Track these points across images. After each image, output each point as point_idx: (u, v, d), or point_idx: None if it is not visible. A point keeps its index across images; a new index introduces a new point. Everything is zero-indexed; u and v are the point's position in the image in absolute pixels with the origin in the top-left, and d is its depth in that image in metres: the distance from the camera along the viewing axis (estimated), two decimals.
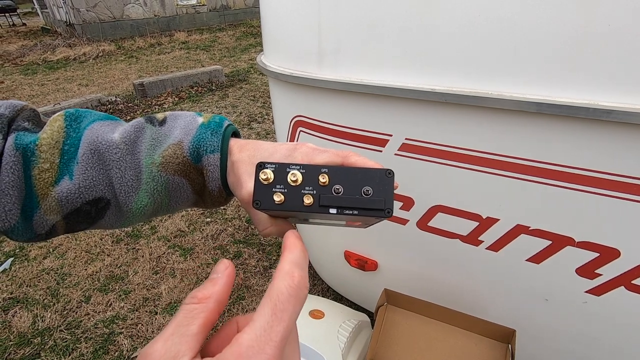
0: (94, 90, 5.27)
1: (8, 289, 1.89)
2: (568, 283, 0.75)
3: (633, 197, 0.61)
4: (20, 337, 1.62)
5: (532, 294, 0.82)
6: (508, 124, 0.65)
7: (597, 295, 0.73)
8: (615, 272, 0.69)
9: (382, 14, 0.67)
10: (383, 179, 0.27)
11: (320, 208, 0.27)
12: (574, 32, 0.54)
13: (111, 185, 0.34)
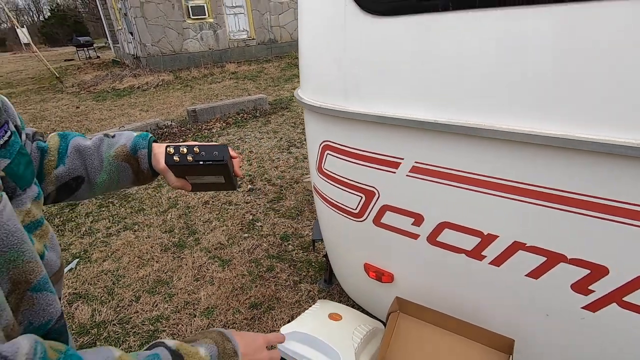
0: (153, 115, 5.85)
1: (73, 285, 2.16)
2: (565, 299, 0.81)
3: (617, 218, 0.68)
4: (81, 327, 1.85)
5: (533, 309, 0.87)
6: (500, 150, 0.75)
7: (593, 311, 0.78)
8: (607, 288, 0.74)
9: (393, 60, 0.82)
10: (224, 149, 0.63)
11: (194, 162, 0.62)
12: (550, 75, 0.65)
13: (85, 169, 0.62)
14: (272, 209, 2.89)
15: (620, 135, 0.62)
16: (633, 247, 0.68)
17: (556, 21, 0.62)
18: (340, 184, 1.10)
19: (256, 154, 4.01)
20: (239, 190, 3.00)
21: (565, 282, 0.79)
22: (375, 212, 1.05)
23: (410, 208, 0.97)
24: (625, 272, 0.71)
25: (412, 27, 0.77)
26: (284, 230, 2.60)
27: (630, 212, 0.66)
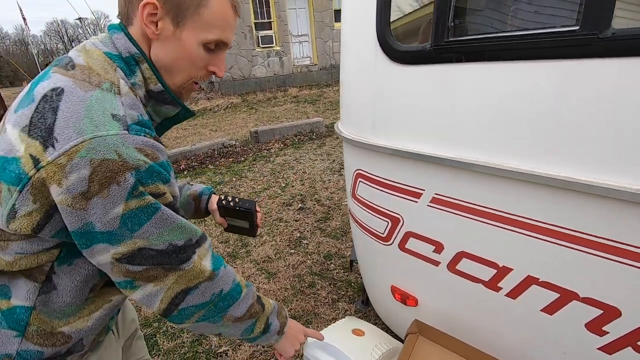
0: (220, 135, 6.42)
1: None
2: (580, 338, 0.81)
3: (626, 261, 0.70)
4: (145, 320, 2.13)
5: (550, 345, 0.88)
6: (510, 187, 0.81)
7: (609, 354, 0.78)
8: (621, 331, 0.74)
9: (414, 102, 0.92)
10: (253, 203, 0.92)
11: (233, 206, 0.91)
12: (546, 122, 0.71)
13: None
14: (319, 228, 3.03)
15: (619, 180, 0.64)
16: None
17: (556, 74, 0.68)
18: (370, 209, 1.20)
19: (309, 174, 4.22)
20: (257, 237, 3.18)
21: (580, 321, 0.80)
22: (401, 238, 1.13)
23: (431, 236, 1.03)
24: (638, 316, 0.71)
25: (430, 74, 0.88)
26: (328, 249, 2.71)
27: (636, 254, 0.68)
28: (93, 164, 0.51)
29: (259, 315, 0.76)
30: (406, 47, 0.91)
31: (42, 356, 0.65)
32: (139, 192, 0.55)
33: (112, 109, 0.55)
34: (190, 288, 0.64)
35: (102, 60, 0.59)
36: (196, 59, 0.65)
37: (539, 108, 0.71)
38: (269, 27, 10.87)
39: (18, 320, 0.61)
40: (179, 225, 0.61)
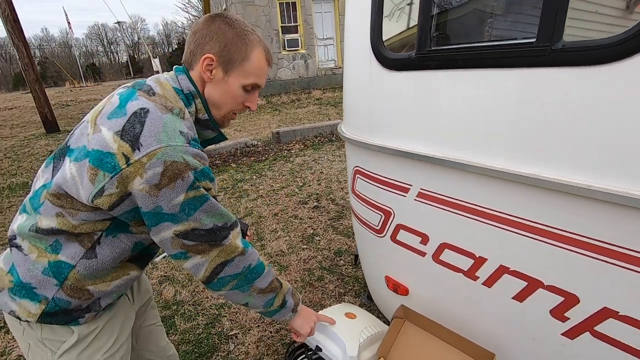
0: (244, 135, 6.65)
1: (164, 270, 2.68)
2: (546, 323, 0.87)
3: (585, 252, 0.77)
4: (165, 303, 2.30)
5: (521, 331, 0.95)
6: (484, 183, 0.89)
7: (571, 338, 0.84)
8: (580, 317, 0.81)
9: (401, 103, 1.02)
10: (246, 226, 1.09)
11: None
12: (515, 121, 0.79)
13: None
14: (332, 226, 3.14)
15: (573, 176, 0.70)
16: (597, 279, 0.76)
17: (517, 80, 0.76)
18: (366, 203, 1.30)
19: (326, 175, 4.33)
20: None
21: (545, 307, 0.87)
22: (392, 230, 1.22)
23: (418, 228, 1.12)
24: (593, 302, 0.78)
25: (414, 80, 0.97)
26: (339, 246, 2.81)
27: (592, 246, 0.74)
28: (165, 164, 0.70)
29: (277, 291, 0.95)
30: (395, 55, 1.01)
31: (68, 305, 0.82)
32: (196, 186, 0.74)
33: (180, 128, 0.75)
34: (228, 261, 0.83)
35: (172, 92, 0.81)
36: (237, 97, 0.87)
37: (503, 110, 0.79)
38: (295, 30, 11.09)
39: (60, 272, 0.77)
40: (220, 212, 0.81)
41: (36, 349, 0.85)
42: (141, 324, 1.12)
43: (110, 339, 0.90)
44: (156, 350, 1.18)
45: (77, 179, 0.73)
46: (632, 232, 0.68)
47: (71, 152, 0.76)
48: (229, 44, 0.82)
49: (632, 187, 0.65)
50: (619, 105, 0.64)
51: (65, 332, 0.84)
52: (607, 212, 0.70)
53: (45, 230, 0.77)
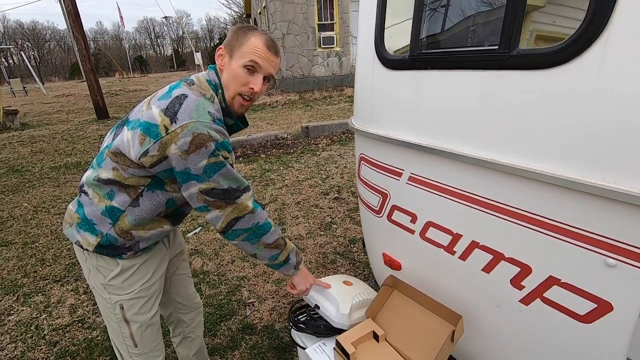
0: (275, 129, 6.93)
1: (194, 244, 2.97)
2: (507, 292, 1.01)
3: (535, 227, 0.90)
4: (194, 272, 2.58)
5: (489, 299, 1.08)
6: (459, 168, 1.04)
7: (526, 305, 0.97)
8: (532, 285, 0.94)
9: (397, 98, 1.18)
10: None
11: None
12: (483, 115, 0.93)
13: None
14: (350, 216, 3.31)
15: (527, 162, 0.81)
16: (545, 251, 0.89)
17: (483, 80, 0.91)
18: (368, 187, 1.47)
19: (349, 169, 4.50)
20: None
21: (506, 277, 1.00)
22: (388, 210, 1.38)
23: (409, 208, 1.28)
24: (542, 272, 0.91)
25: (408, 78, 1.13)
26: (354, 235, 2.98)
27: (540, 222, 0.88)
28: (194, 134, 0.91)
29: (282, 248, 1.15)
30: (392, 56, 1.17)
31: (115, 242, 1.07)
32: (216, 154, 0.95)
33: (208, 109, 0.97)
34: (239, 217, 1.03)
35: (205, 84, 1.04)
36: (239, 77, 1.02)
37: (473, 105, 0.94)
38: (331, 28, 11.26)
39: (114, 215, 1.02)
40: (235, 177, 1.01)
41: (94, 273, 1.11)
42: (174, 271, 1.36)
43: (146, 274, 1.15)
44: (185, 296, 1.42)
45: (130, 142, 0.97)
46: (571, 209, 0.81)
47: (129, 123, 1.01)
48: (234, 36, 1.03)
49: (569, 172, 0.78)
50: (561, 100, 0.78)
51: (113, 263, 1.09)
52: (551, 193, 0.83)
53: (104, 180, 1.03)
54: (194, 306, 1.48)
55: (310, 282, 1.28)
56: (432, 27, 1.09)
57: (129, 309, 1.13)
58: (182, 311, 1.44)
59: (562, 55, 0.74)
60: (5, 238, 3.32)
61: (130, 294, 1.12)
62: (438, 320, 1.14)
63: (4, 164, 5.82)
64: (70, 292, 2.47)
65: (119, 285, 1.11)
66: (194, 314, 1.48)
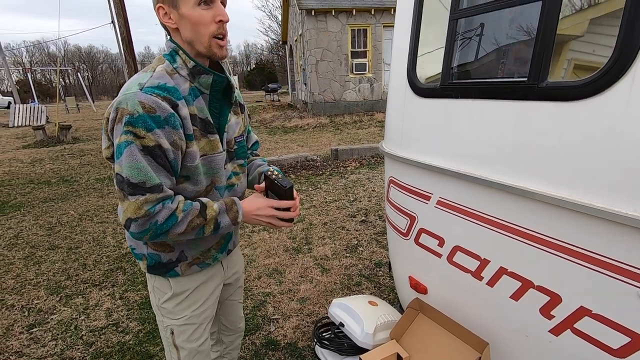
0: (306, 150, 7.09)
1: None
2: (537, 321, 0.99)
3: (565, 256, 0.90)
4: None
5: (517, 328, 1.07)
6: (489, 194, 1.06)
7: (556, 335, 0.95)
8: (563, 314, 0.93)
9: (427, 124, 1.23)
10: (291, 185, 0.98)
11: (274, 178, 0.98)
12: (513, 142, 0.96)
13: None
14: (376, 240, 3.30)
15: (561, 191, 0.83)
16: (575, 281, 0.88)
17: (513, 110, 0.94)
18: (396, 209, 1.50)
19: (377, 193, 4.51)
20: (293, 225, 3.55)
21: (535, 306, 0.99)
22: (416, 233, 1.40)
23: (437, 232, 1.30)
24: (573, 302, 0.90)
25: (438, 105, 1.18)
26: (380, 258, 2.97)
27: (571, 250, 0.88)
28: (117, 109, 0.83)
29: (203, 224, 0.93)
30: (424, 85, 1.23)
31: (160, 259, 1.02)
32: (126, 130, 0.81)
33: (141, 80, 0.86)
34: (132, 219, 0.85)
35: (157, 59, 0.94)
36: (202, 19, 0.86)
37: (503, 133, 0.97)
38: (363, 55, 11.55)
39: None
40: (138, 166, 0.83)
41: (151, 294, 1.12)
42: (228, 297, 1.32)
43: (198, 300, 1.10)
44: (232, 319, 1.39)
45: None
46: (605, 241, 0.81)
47: None
48: None
49: (606, 203, 0.79)
50: (588, 132, 0.80)
51: (166, 285, 1.06)
52: (583, 222, 0.84)
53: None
54: (237, 330, 1.43)
55: (267, 212, 1.01)
56: (464, 58, 1.15)
57: (179, 335, 1.10)
58: (224, 333, 1.41)
59: (590, 89, 0.77)
60: (53, 242, 3.58)
61: (181, 320, 1.09)
62: (464, 346, 1.13)
63: (55, 174, 6.30)
64: (107, 296, 2.61)
65: (171, 309, 1.08)
66: (234, 336, 1.44)
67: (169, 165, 0.88)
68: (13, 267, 3.10)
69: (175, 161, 0.90)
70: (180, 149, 0.90)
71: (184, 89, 0.91)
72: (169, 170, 0.89)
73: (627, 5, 0.71)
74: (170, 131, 0.85)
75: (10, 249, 3.46)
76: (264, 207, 1.01)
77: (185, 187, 0.97)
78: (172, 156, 0.88)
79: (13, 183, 5.81)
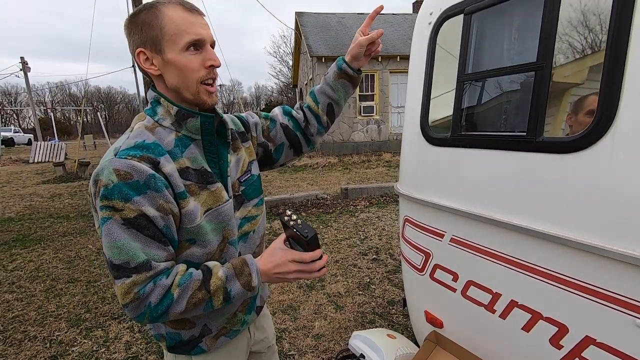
0: (316, 189, 7.26)
1: None
2: (548, 351, 1.08)
3: (570, 289, 1.01)
4: None
5: (530, 358, 1.14)
6: (498, 232, 1.18)
7: None
8: (571, 344, 1.01)
9: (439, 169, 1.39)
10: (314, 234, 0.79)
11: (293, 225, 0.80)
12: (514, 188, 1.11)
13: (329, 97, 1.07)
14: (388, 278, 3.36)
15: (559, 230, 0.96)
16: (580, 312, 0.98)
17: (514, 159, 1.10)
18: (412, 247, 1.62)
19: (387, 231, 4.60)
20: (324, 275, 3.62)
21: (545, 336, 1.08)
22: (431, 268, 1.51)
23: (451, 267, 1.41)
24: (579, 332, 0.99)
25: (449, 153, 1.34)
26: (393, 297, 3.01)
27: (574, 284, 0.99)
28: (94, 181, 0.74)
29: (207, 298, 0.79)
30: (436, 135, 1.40)
31: (180, 338, 0.90)
32: (102, 205, 0.72)
33: (117, 144, 0.78)
34: (125, 304, 0.75)
35: (137, 117, 0.85)
36: (189, 64, 0.77)
37: (506, 179, 1.12)
38: (371, 98, 12.07)
39: None
40: (118, 245, 0.72)
41: None
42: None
43: None
44: None
45: None
46: (598, 272, 0.93)
47: None
48: (144, 27, 0.77)
49: (602, 241, 0.91)
50: (579, 178, 0.94)
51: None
52: (584, 258, 0.96)
53: None
54: None
55: (289, 267, 0.83)
56: (471, 112, 1.32)
57: None
58: None
59: (578, 144, 0.92)
60: (72, 275, 3.68)
61: None
62: None
63: (74, 208, 6.52)
64: (127, 329, 2.67)
65: None
66: None
67: (161, 234, 0.76)
68: (35, 299, 3.20)
69: (167, 228, 0.77)
70: (171, 213, 0.78)
71: (167, 142, 0.81)
72: (161, 241, 0.77)
73: (604, 74, 0.88)
74: (154, 195, 0.74)
75: (32, 282, 3.57)
76: (283, 262, 0.82)
77: (193, 253, 0.85)
78: (162, 223, 0.76)
79: (34, 217, 6.01)
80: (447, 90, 1.38)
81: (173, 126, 0.82)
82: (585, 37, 0.96)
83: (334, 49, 11.83)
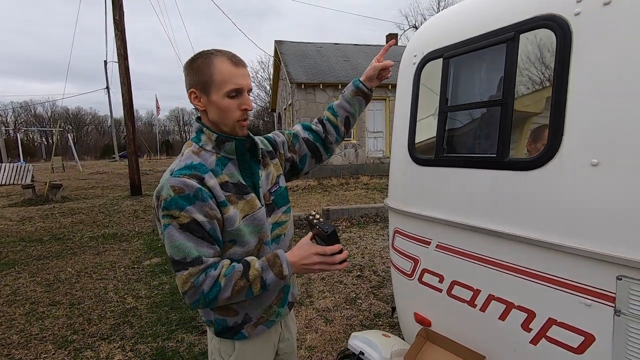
0: (297, 211, 7.39)
1: None
2: (520, 335, 1.29)
3: (533, 279, 1.24)
4: None
5: (506, 344, 1.35)
6: (475, 237, 1.41)
7: (535, 345, 1.25)
8: (537, 327, 1.23)
9: (424, 185, 1.62)
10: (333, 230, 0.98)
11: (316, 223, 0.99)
12: (488, 202, 1.35)
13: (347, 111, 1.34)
14: (373, 293, 3.53)
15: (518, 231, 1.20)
16: (542, 297, 1.21)
17: (487, 176, 1.35)
18: (401, 255, 1.83)
19: (369, 250, 4.80)
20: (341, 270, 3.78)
21: (518, 323, 1.30)
22: (419, 273, 1.72)
23: (437, 270, 1.62)
24: (543, 315, 1.22)
25: (433, 172, 1.58)
26: (379, 310, 3.18)
27: (535, 274, 1.22)
28: (157, 197, 0.94)
29: (247, 285, 0.95)
30: (421, 156, 1.65)
31: (226, 324, 1.06)
32: (163, 214, 0.92)
33: (173, 167, 0.98)
34: (184, 292, 0.94)
35: (186, 145, 1.05)
36: (229, 108, 0.98)
37: (481, 193, 1.36)
38: None
39: None
40: (177, 244, 0.92)
41: (216, 356, 1.13)
42: None
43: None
44: None
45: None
46: (552, 263, 1.17)
47: None
48: (198, 72, 0.97)
49: (551, 237, 1.15)
50: (538, 192, 1.19)
51: (231, 348, 1.10)
52: (543, 253, 1.20)
53: None
54: None
55: (313, 259, 0.99)
56: (451, 138, 1.58)
57: None
58: None
59: (535, 163, 1.18)
60: (53, 298, 3.60)
61: None
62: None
63: (47, 232, 6.30)
64: (118, 349, 2.67)
65: None
66: None
67: (208, 235, 0.95)
68: (15, 323, 3.11)
69: (213, 230, 0.96)
70: (216, 218, 0.96)
71: (210, 162, 1.01)
72: (210, 240, 0.96)
73: (550, 115, 1.15)
74: (201, 204, 0.94)
75: (10, 305, 3.46)
76: (308, 255, 0.99)
77: (235, 251, 1.03)
78: (209, 226, 0.95)
79: (3, 241, 5.77)
80: (428, 114, 1.64)
81: (214, 149, 1.03)
82: (537, 83, 1.24)
83: (313, 76, 12.33)
